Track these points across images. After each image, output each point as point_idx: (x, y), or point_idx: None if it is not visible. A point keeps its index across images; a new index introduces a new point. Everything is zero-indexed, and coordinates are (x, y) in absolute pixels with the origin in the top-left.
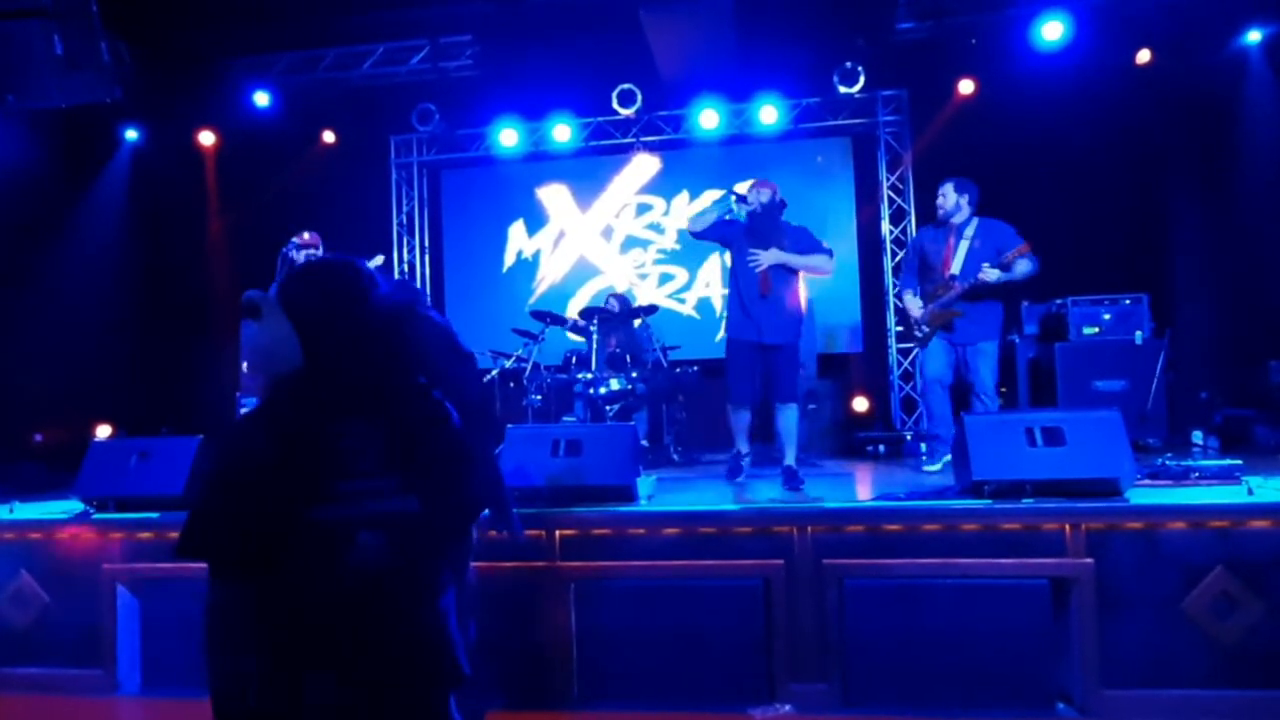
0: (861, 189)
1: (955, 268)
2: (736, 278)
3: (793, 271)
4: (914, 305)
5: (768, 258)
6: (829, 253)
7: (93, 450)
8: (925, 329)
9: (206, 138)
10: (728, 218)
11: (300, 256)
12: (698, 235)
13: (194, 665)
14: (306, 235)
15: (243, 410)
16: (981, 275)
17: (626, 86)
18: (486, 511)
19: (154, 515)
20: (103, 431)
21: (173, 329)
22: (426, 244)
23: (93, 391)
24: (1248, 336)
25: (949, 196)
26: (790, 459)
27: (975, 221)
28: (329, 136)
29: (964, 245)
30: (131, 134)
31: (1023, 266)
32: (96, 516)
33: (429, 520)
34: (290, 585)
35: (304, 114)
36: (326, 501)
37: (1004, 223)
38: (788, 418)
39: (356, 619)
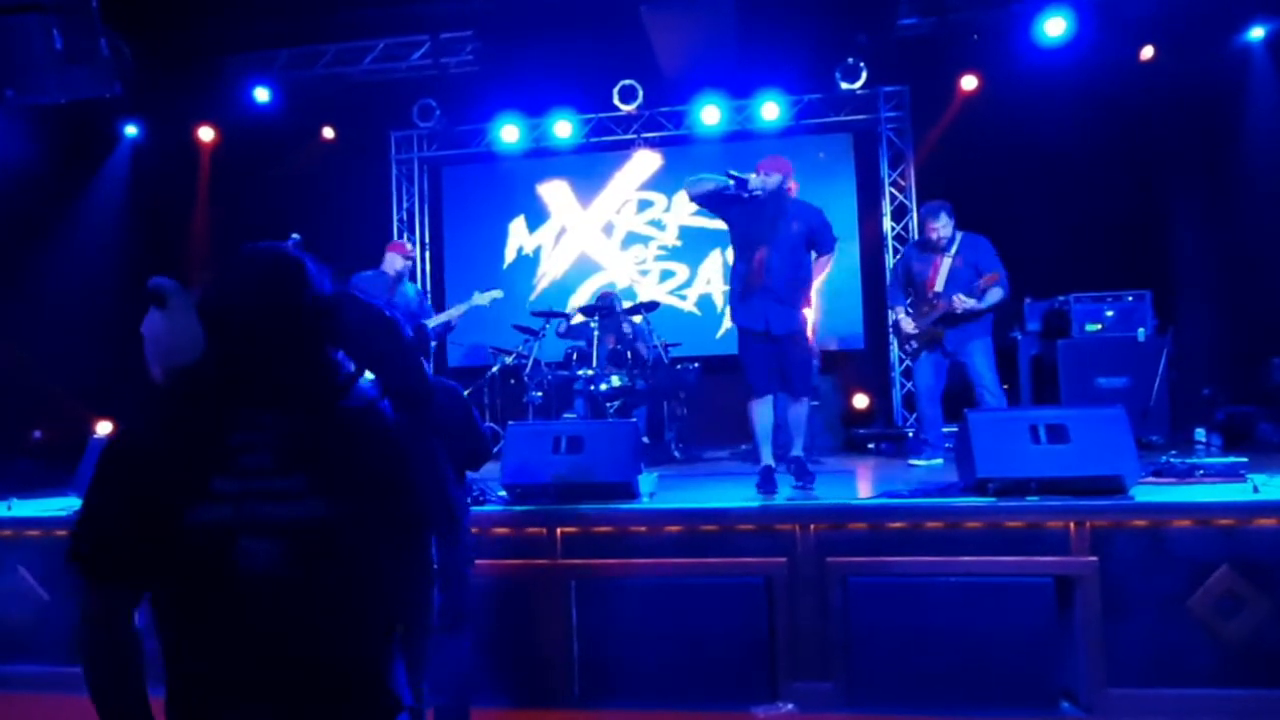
0: (863, 185)
1: (939, 285)
2: (735, 262)
3: (801, 258)
4: (908, 324)
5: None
6: (833, 241)
7: (91, 448)
8: (914, 345)
9: (206, 133)
10: (728, 193)
11: (398, 266)
12: (695, 199)
13: None
14: (408, 246)
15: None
16: (957, 305)
17: (628, 83)
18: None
19: None
20: (103, 428)
21: None
22: (427, 240)
23: (92, 388)
24: (1251, 333)
25: (947, 227)
26: (798, 449)
27: (959, 238)
28: (329, 132)
29: (947, 263)
30: (131, 130)
31: (994, 295)
32: None
33: (343, 528)
34: (174, 595)
35: (305, 110)
36: (206, 502)
37: (984, 238)
38: (798, 412)
39: (250, 637)
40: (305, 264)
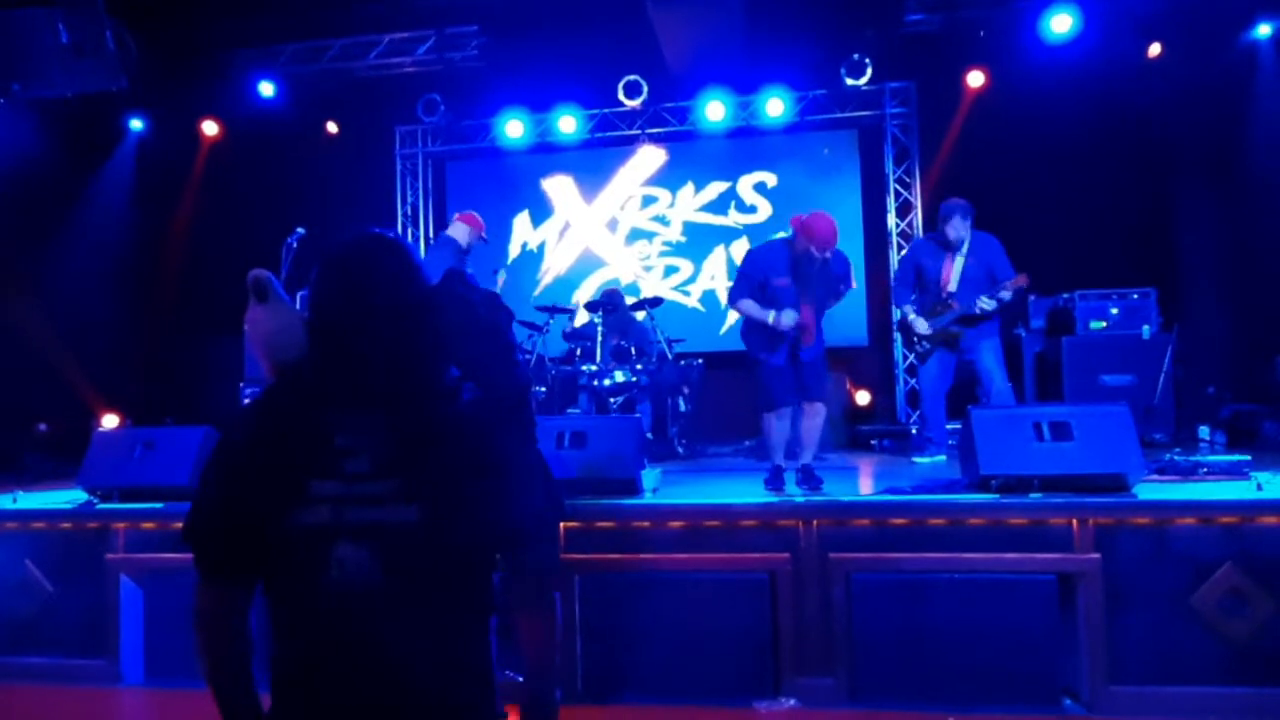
0: (868, 182)
1: (952, 284)
2: (774, 305)
3: (830, 298)
4: (920, 324)
5: (787, 319)
6: (850, 285)
7: (96, 440)
8: (927, 345)
9: (212, 127)
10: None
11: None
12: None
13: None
14: (479, 217)
15: (245, 402)
16: (979, 307)
17: (632, 78)
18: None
19: (158, 505)
20: (110, 421)
21: (179, 318)
22: (431, 236)
23: (98, 381)
24: (1256, 332)
25: (966, 228)
26: (807, 458)
27: (969, 237)
28: (333, 127)
29: (959, 262)
30: (136, 123)
31: (1007, 295)
32: (100, 506)
33: (433, 536)
34: (277, 598)
35: (309, 104)
36: (306, 505)
37: (994, 238)
38: (814, 419)
39: (340, 644)
40: (411, 254)
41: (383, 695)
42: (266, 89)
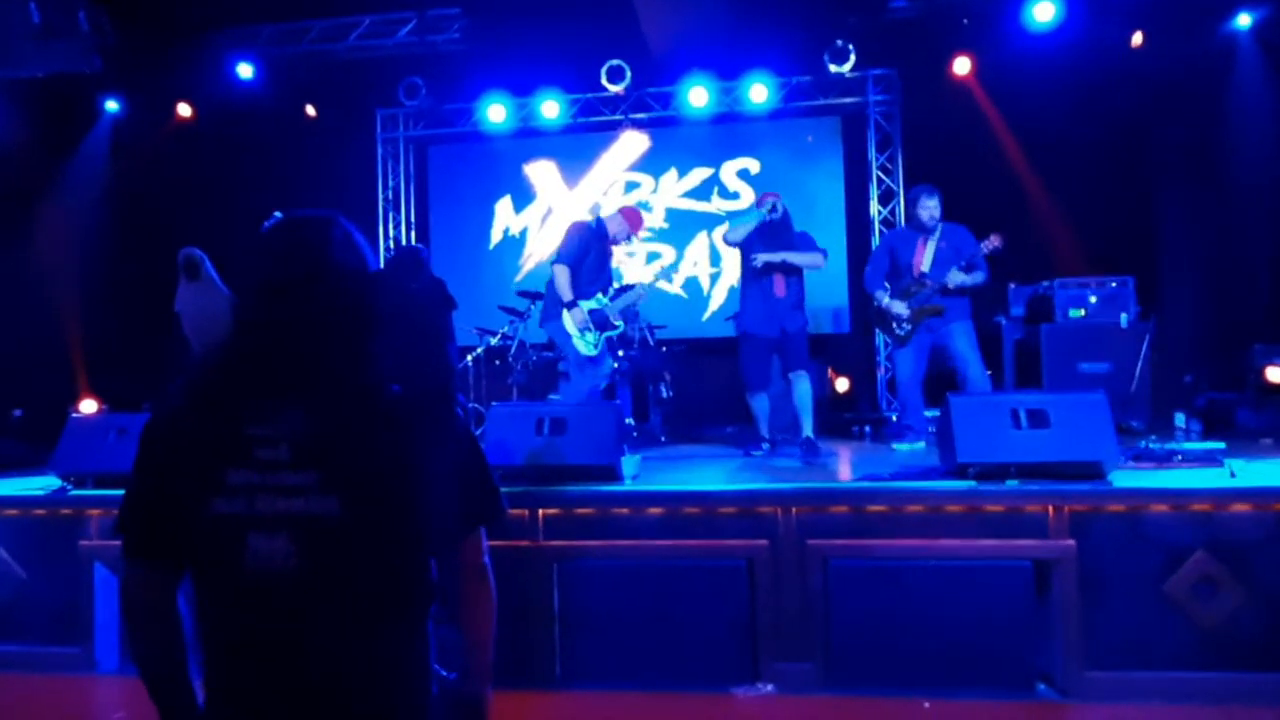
0: (851, 168)
1: (925, 266)
2: (755, 277)
3: (799, 270)
4: (898, 305)
5: (767, 257)
6: (824, 252)
7: (70, 426)
8: (908, 326)
9: (189, 109)
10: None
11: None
12: (735, 243)
13: None
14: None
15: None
16: (949, 279)
17: (616, 63)
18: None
19: None
20: (88, 407)
21: (155, 303)
22: (413, 220)
23: (74, 367)
24: (1232, 320)
25: (938, 208)
26: (808, 429)
27: (940, 226)
28: (313, 110)
29: (932, 245)
30: (112, 105)
31: (979, 275)
32: (74, 493)
33: (356, 529)
34: (201, 587)
35: (288, 87)
36: (223, 493)
37: (964, 227)
38: (802, 389)
39: (262, 634)
40: (352, 234)
41: (306, 688)
42: (245, 71)
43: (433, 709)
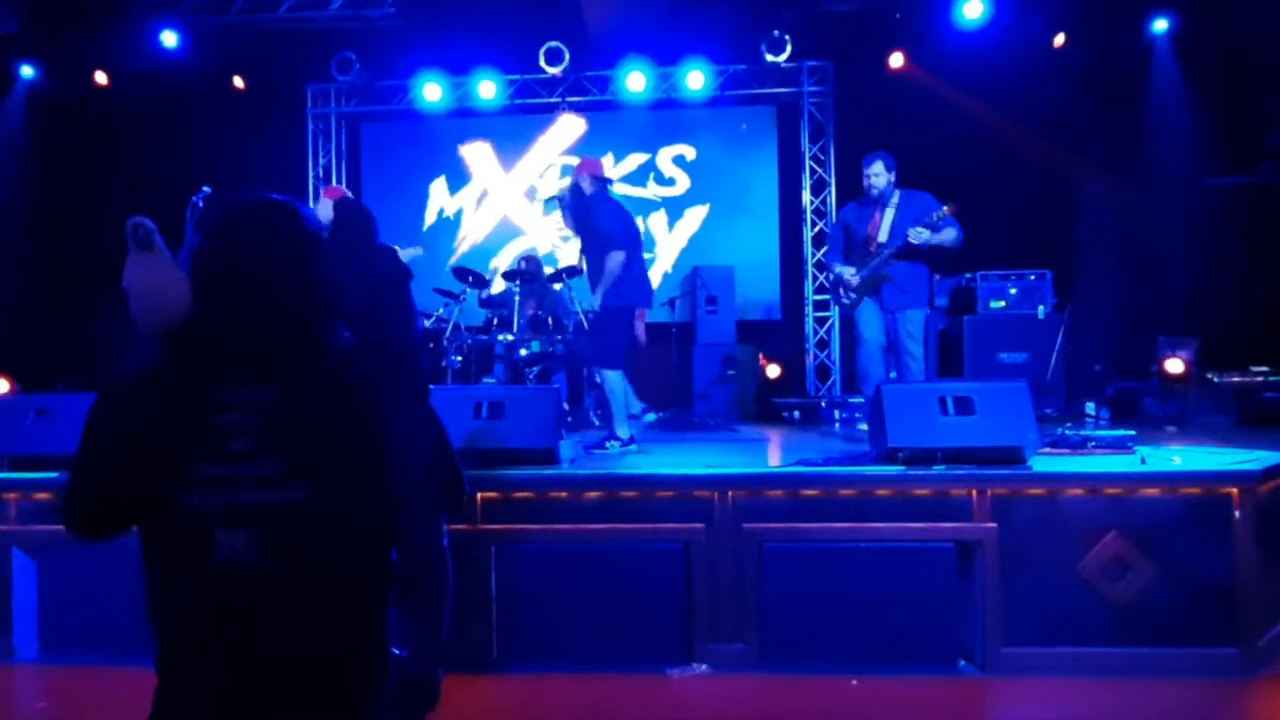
0: (784, 158)
1: (883, 236)
2: (633, 256)
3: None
4: (848, 272)
5: None
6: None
7: None
8: (853, 295)
9: (109, 78)
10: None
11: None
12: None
13: (93, 631)
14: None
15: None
16: (910, 236)
17: (554, 44)
18: None
19: (52, 475)
20: None
21: (72, 279)
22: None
23: None
24: (1140, 313)
25: (881, 175)
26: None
27: (898, 193)
28: (240, 82)
29: (889, 214)
30: (28, 70)
31: (949, 233)
32: None
33: (323, 515)
34: (162, 578)
35: (215, 57)
36: (190, 487)
37: (925, 192)
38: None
39: (228, 626)
40: (303, 215)
41: (269, 676)
42: (169, 39)
43: (387, 688)
